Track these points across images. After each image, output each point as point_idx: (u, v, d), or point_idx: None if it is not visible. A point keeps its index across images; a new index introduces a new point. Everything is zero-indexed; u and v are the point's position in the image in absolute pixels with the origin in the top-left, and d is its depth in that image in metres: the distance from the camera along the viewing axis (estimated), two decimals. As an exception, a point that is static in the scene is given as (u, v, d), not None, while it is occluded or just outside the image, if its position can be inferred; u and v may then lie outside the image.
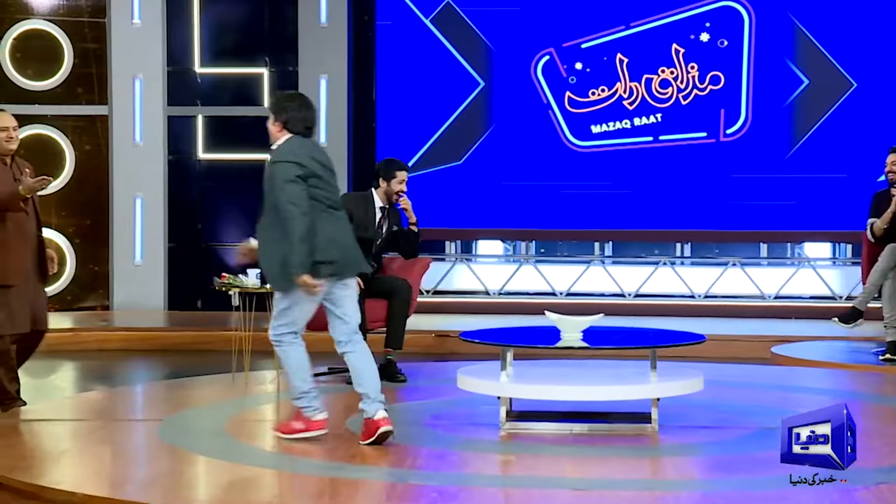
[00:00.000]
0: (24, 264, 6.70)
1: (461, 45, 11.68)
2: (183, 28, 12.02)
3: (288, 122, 6.13)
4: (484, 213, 11.66)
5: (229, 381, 7.86)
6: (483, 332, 6.81)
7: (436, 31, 11.70)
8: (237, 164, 12.02)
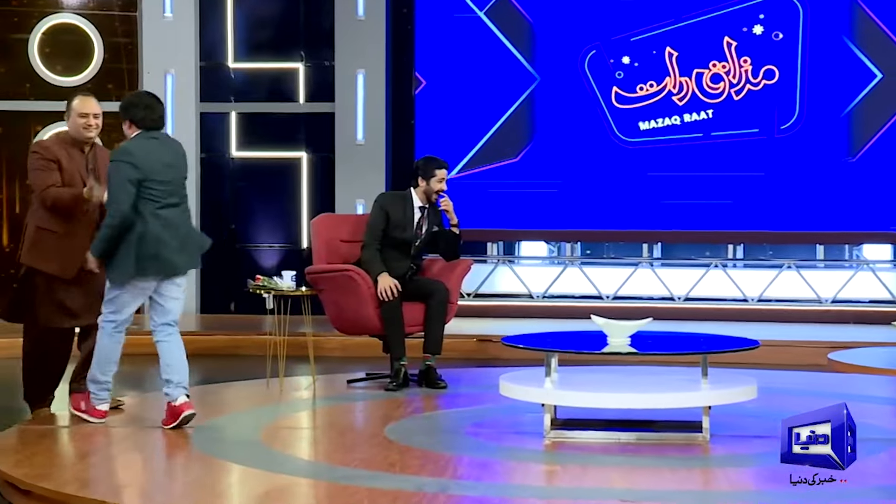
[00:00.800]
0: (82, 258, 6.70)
1: (511, 38, 11.66)
2: (216, 21, 12.07)
3: (135, 120, 6.51)
4: (527, 214, 11.65)
5: (263, 386, 7.88)
6: (526, 337, 6.80)
7: (490, 24, 11.67)
8: (272, 162, 12.06)
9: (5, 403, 8.12)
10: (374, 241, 8.04)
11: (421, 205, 8.16)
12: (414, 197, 8.15)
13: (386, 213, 8.10)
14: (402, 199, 8.17)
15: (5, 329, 10.67)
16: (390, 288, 7.81)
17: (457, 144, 11.65)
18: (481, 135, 11.69)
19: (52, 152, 6.79)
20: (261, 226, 12.07)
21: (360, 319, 7.98)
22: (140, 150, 6.42)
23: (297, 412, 7.18)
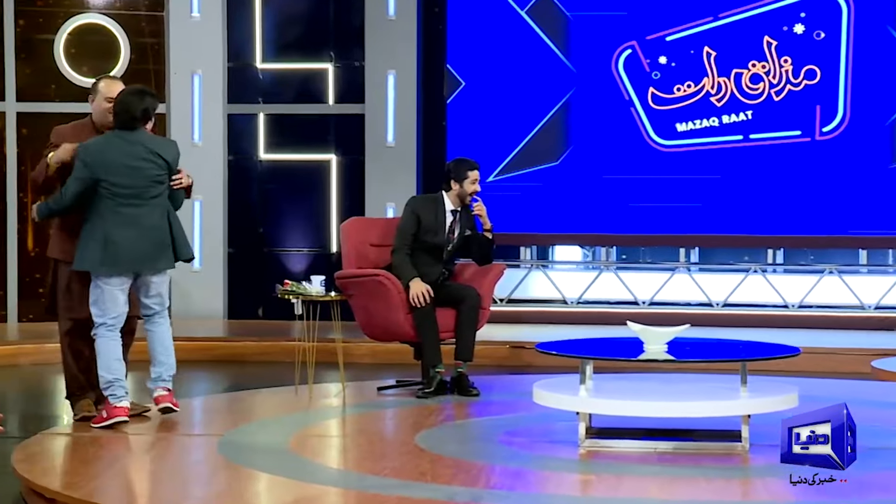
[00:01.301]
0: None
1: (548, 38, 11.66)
2: (244, 21, 12.12)
3: (114, 117, 6.73)
4: (561, 217, 11.64)
5: (292, 394, 7.91)
6: (561, 344, 6.80)
7: (532, 23, 11.65)
8: (301, 165, 12.10)
9: (33, 410, 8.18)
10: (405, 245, 8.05)
11: (453, 208, 8.17)
12: (446, 200, 8.16)
13: (417, 217, 8.11)
14: (434, 203, 8.18)
15: (33, 334, 10.76)
16: (422, 294, 7.82)
17: (490, 146, 11.65)
18: (517, 137, 11.68)
19: (60, 135, 6.84)
20: (289, 229, 12.11)
21: (391, 325, 7.99)
22: (95, 149, 6.63)
23: (327, 420, 7.20)
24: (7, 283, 11.78)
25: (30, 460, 5.96)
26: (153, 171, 6.69)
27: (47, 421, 7.53)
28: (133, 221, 6.64)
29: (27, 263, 11.80)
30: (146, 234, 6.67)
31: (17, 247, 11.79)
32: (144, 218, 6.67)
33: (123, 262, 6.64)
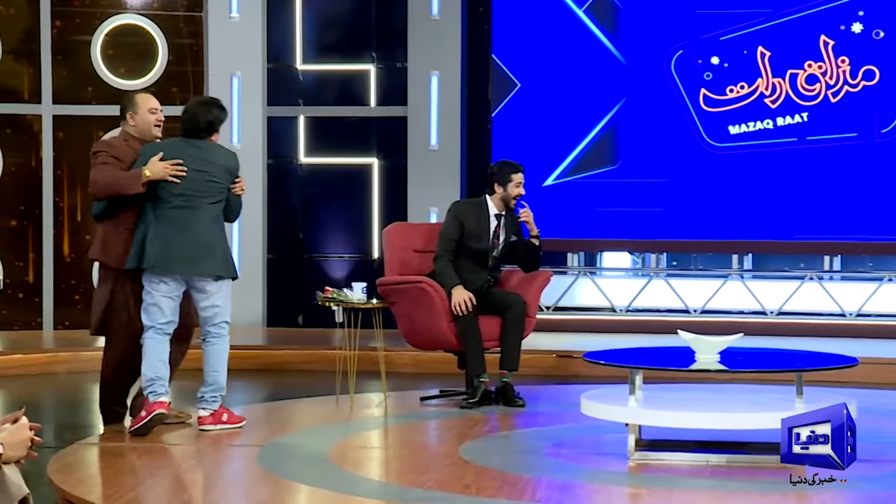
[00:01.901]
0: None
1: (598, 38, 11.64)
2: (284, 22, 12.17)
3: (181, 125, 6.99)
4: (609, 223, 11.61)
5: (333, 403, 7.92)
6: (609, 353, 6.78)
7: (588, 21, 11.62)
8: (342, 168, 12.13)
9: (68, 420, 8.23)
10: (447, 251, 8.05)
11: (497, 212, 8.16)
12: (490, 204, 8.16)
13: (460, 223, 8.11)
14: (478, 207, 8.18)
15: (68, 342, 10.84)
16: (465, 301, 7.83)
17: (541, 150, 11.63)
18: (570, 139, 11.64)
19: (116, 149, 6.95)
20: (330, 235, 12.14)
21: (434, 334, 7.99)
22: (156, 150, 6.86)
23: (368, 430, 7.21)
24: (43, 289, 11.85)
25: (66, 471, 6.00)
26: (210, 178, 6.93)
27: (83, 430, 7.58)
28: (185, 225, 6.84)
29: (63, 270, 11.88)
30: (196, 238, 6.86)
31: (52, 253, 11.86)
32: (196, 222, 6.87)
33: (173, 262, 6.80)
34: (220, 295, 7.02)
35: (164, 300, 6.87)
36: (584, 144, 11.62)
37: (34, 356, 10.23)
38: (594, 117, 11.62)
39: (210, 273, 6.93)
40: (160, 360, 6.85)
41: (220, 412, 7.02)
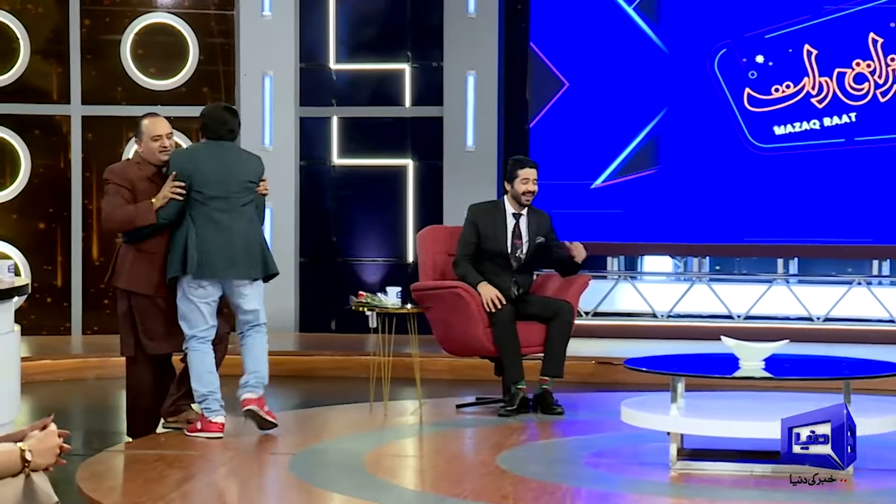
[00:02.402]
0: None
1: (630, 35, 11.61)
2: (317, 20, 12.19)
3: (203, 129, 7.12)
4: (650, 226, 11.58)
5: (367, 411, 7.93)
6: (650, 360, 6.76)
7: (636, 17, 11.58)
8: (376, 170, 12.14)
9: (97, 427, 8.28)
10: (465, 256, 8.09)
11: (514, 212, 8.18)
12: (506, 204, 8.19)
13: (475, 226, 8.16)
14: (493, 208, 8.23)
15: (97, 347, 10.89)
16: (495, 298, 7.82)
17: (576, 151, 11.61)
18: (613, 140, 11.61)
19: (123, 176, 7.08)
20: (364, 238, 12.15)
21: (470, 340, 7.99)
22: (187, 156, 7.12)
23: (403, 438, 7.22)
24: (71, 293, 11.90)
25: (94, 479, 6.03)
26: (244, 180, 7.07)
27: (112, 437, 7.62)
28: (224, 227, 6.96)
29: (92, 273, 11.92)
30: (236, 240, 6.99)
31: (81, 256, 11.91)
32: (235, 224, 6.99)
33: (214, 266, 6.91)
34: (259, 296, 7.15)
35: (203, 305, 6.96)
36: (635, 144, 11.56)
37: (62, 362, 10.29)
38: (640, 117, 11.57)
39: (250, 275, 7.04)
40: (208, 372, 6.97)
41: (263, 400, 7.09)
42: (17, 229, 11.91)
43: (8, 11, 11.82)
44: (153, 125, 7.15)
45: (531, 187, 8.13)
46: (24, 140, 11.85)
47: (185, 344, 6.96)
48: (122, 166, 7.30)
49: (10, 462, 3.29)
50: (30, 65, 11.90)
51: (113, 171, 7.12)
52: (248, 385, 7.10)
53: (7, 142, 11.83)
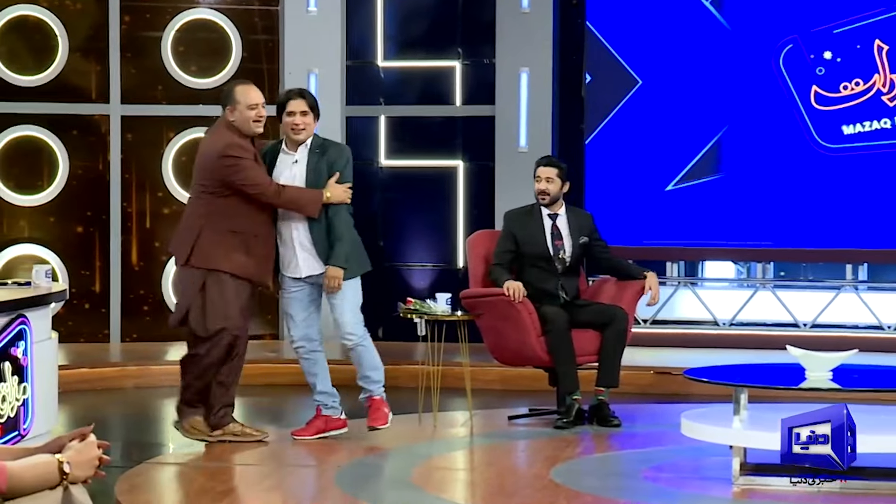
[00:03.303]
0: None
1: (698, 33, 11.57)
2: (364, 16, 12.22)
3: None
4: (712, 229, 11.53)
5: (415, 422, 7.94)
6: (712, 370, 6.74)
7: (716, 13, 11.53)
8: (425, 171, 12.15)
9: (137, 438, 8.32)
10: (498, 264, 8.13)
11: (550, 213, 8.20)
12: (542, 208, 8.22)
13: (511, 233, 8.20)
14: (528, 212, 8.27)
15: (137, 355, 10.96)
16: (516, 289, 7.83)
17: (634, 153, 11.58)
18: (674, 140, 11.57)
19: (248, 149, 7.12)
20: (412, 242, 12.17)
21: (523, 348, 7.99)
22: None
23: (453, 451, 7.22)
24: (110, 299, 11.96)
25: (134, 491, 6.07)
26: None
27: (152, 449, 7.66)
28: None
29: (131, 279, 11.99)
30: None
31: (120, 261, 11.98)
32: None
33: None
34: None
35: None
36: (708, 147, 11.52)
37: (101, 370, 10.35)
38: (703, 117, 11.52)
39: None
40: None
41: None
42: (55, 233, 11.99)
43: (46, 8, 11.91)
44: (249, 93, 7.13)
45: (543, 186, 8.17)
46: (61, 141, 11.93)
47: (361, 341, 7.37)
48: (234, 138, 7.13)
49: (47, 474, 3.31)
50: (68, 63, 11.98)
51: (236, 145, 7.06)
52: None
53: (44, 142, 11.91)
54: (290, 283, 7.38)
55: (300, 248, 7.33)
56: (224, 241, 7.05)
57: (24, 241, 11.94)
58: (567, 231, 8.19)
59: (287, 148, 7.34)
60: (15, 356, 6.65)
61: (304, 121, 7.30)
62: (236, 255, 7.06)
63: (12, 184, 11.90)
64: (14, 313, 6.67)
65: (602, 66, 11.66)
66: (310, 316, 7.41)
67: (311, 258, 7.34)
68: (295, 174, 7.30)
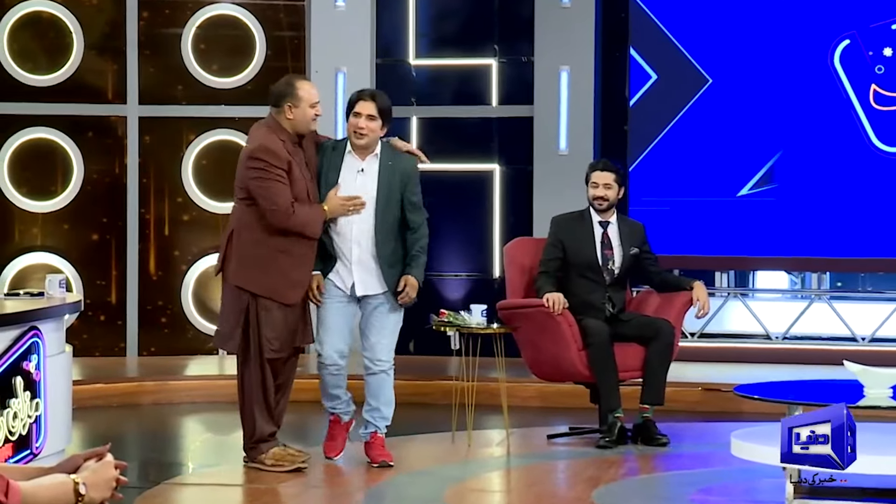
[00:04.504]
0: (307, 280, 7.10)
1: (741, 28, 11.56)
2: (395, 11, 12.25)
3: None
4: (763, 237, 11.51)
5: (448, 441, 7.95)
6: (763, 386, 6.73)
7: (764, 8, 11.52)
8: (459, 176, 12.16)
9: (155, 457, 8.35)
10: (545, 272, 8.12)
11: (601, 220, 8.20)
12: (592, 213, 8.22)
13: (558, 239, 8.20)
14: (578, 218, 8.27)
15: (155, 370, 11.00)
16: (556, 300, 7.81)
17: (683, 156, 11.57)
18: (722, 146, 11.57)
19: (280, 156, 6.94)
20: (445, 251, 12.18)
21: (562, 363, 7.99)
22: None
23: (488, 472, 7.23)
24: (127, 311, 11.98)
25: (152, 513, 6.10)
26: None
27: (171, 469, 7.69)
28: None
29: (149, 289, 12.02)
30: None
31: (137, 270, 12.01)
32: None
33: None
34: None
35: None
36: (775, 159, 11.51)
37: (117, 385, 10.38)
38: (757, 120, 11.51)
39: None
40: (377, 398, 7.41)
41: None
42: (69, 241, 12.04)
43: (60, 4, 11.96)
44: (312, 90, 7.07)
45: (601, 192, 8.18)
46: (76, 143, 11.97)
47: (388, 369, 7.33)
48: (271, 142, 6.99)
49: (62, 495, 3.33)
50: (83, 61, 12.03)
51: (269, 151, 6.92)
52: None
53: (58, 145, 11.96)
54: (335, 292, 7.21)
55: (359, 266, 7.18)
56: (251, 254, 7.01)
57: (37, 249, 12.00)
58: (618, 240, 8.19)
59: (354, 151, 7.20)
60: (27, 371, 6.69)
61: (370, 126, 7.12)
62: (254, 271, 6.98)
63: (25, 189, 11.95)
64: (26, 325, 6.71)
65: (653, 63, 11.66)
66: (348, 330, 7.31)
67: (371, 277, 7.20)
68: (365, 186, 7.16)
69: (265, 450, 7.02)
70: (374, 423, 7.24)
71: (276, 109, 7.05)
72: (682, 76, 11.56)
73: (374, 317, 7.24)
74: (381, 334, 7.24)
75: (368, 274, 7.17)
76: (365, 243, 7.17)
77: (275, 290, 6.99)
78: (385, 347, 7.23)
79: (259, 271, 6.97)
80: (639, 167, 11.59)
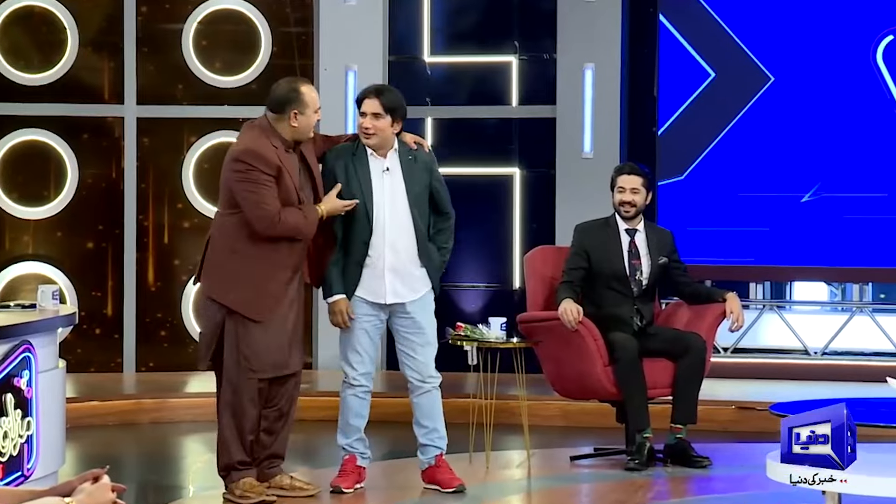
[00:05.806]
0: (287, 295, 6.94)
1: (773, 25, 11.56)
2: (409, 5, 12.26)
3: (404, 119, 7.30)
4: (800, 246, 11.50)
5: (465, 462, 7.94)
6: (801, 405, 6.71)
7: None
8: (477, 180, 12.16)
9: (153, 479, 8.37)
10: (567, 281, 8.12)
11: (627, 227, 8.19)
12: (617, 220, 8.22)
13: (583, 248, 8.18)
14: (603, 226, 8.27)
15: (153, 386, 11.01)
16: (569, 310, 7.80)
17: (719, 159, 11.58)
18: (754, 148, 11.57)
19: (271, 164, 6.85)
20: (463, 260, 12.17)
21: (587, 380, 7.98)
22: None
23: (507, 495, 7.23)
24: (124, 324, 11.98)
25: (150, 538, 6.11)
26: None
27: (170, 492, 7.70)
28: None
29: (148, 301, 12.03)
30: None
31: (135, 281, 12.02)
32: None
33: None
34: None
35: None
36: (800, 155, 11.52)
37: (113, 403, 10.40)
38: (793, 119, 11.52)
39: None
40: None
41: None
42: (63, 249, 12.06)
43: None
44: (314, 94, 7.02)
45: (628, 197, 8.17)
46: (70, 146, 11.99)
47: (439, 384, 7.31)
48: (262, 146, 6.91)
49: (55, 519, 3.33)
50: (78, 59, 12.06)
51: (257, 155, 6.83)
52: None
53: (52, 147, 11.98)
54: (365, 308, 7.14)
55: (391, 273, 7.12)
56: (224, 262, 6.91)
57: (29, 258, 12.02)
58: (646, 249, 8.19)
59: (375, 152, 7.16)
60: (18, 387, 6.68)
61: (376, 125, 7.09)
62: (226, 282, 6.85)
63: (16, 194, 11.97)
64: (17, 339, 6.71)
65: (675, 61, 11.67)
66: (375, 349, 7.30)
67: (401, 285, 7.15)
68: (394, 185, 7.15)
69: (236, 478, 6.90)
70: (434, 444, 7.22)
71: (277, 115, 6.98)
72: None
73: (413, 330, 7.20)
74: (426, 350, 7.22)
75: (401, 282, 7.14)
76: (402, 245, 7.14)
77: (248, 305, 6.85)
78: (432, 363, 7.25)
79: (231, 282, 6.86)
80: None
